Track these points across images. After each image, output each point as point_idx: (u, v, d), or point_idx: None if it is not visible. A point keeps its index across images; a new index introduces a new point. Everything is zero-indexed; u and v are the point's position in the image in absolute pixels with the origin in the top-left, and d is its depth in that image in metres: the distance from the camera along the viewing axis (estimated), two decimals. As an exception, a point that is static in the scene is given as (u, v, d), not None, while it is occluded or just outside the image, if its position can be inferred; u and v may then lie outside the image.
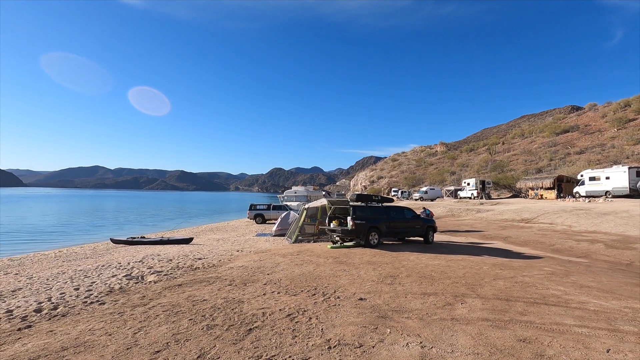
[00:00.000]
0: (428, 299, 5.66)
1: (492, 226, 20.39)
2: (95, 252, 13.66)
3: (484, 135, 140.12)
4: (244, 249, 12.88)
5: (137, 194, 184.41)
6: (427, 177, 78.45)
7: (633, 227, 15.77)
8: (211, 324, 4.52)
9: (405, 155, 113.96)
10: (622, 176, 25.14)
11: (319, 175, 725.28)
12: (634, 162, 35.42)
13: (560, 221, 19.45)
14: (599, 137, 52.36)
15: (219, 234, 19.40)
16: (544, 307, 5.33)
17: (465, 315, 4.89)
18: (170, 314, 5.00)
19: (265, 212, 24.83)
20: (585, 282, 7.48)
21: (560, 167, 44.60)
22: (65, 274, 9.51)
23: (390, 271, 7.97)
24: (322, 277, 7.32)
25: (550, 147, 56.67)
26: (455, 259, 10.05)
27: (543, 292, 6.36)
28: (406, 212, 13.45)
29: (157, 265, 10.08)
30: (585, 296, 6.14)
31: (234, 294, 6.05)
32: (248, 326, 4.44)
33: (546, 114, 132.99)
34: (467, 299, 5.70)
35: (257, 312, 4.97)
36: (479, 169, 62.90)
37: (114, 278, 8.58)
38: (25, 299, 6.99)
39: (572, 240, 14.29)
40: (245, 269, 8.40)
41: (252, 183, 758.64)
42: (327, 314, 4.91)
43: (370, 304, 5.34)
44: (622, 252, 11.88)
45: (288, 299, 5.64)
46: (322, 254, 10.75)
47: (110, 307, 5.91)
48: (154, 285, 7.51)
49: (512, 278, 7.53)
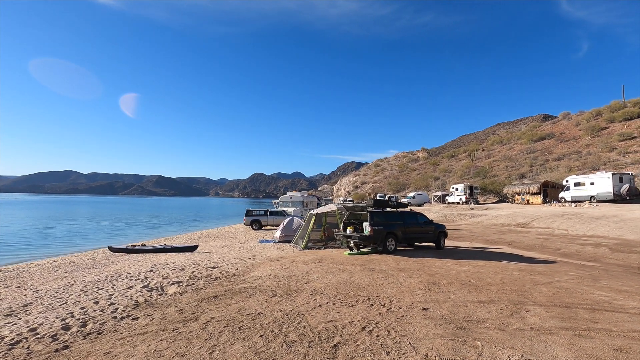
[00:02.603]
0: (490, 308, 5.55)
1: (490, 231, 20.75)
2: (95, 262, 12.86)
3: (462, 142, 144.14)
4: (255, 257, 12.47)
5: (113, 200, 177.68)
6: (411, 183, 79.66)
7: (629, 231, 16.40)
8: (288, 341, 4.21)
9: (388, 160, 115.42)
10: (606, 182, 26.27)
11: (301, 180, 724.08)
12: (610, 168, 37.21)
13: (555, 225, 20.03)
14: (575, 145, 54.80)
15: (220, 241, 18.79)
16: (608, 314, 5.32)
17: (540, 324, 4.80)
18: (234, 330, 4.64)
19: (262, 217, 24.33)
20: (618, 286, 7.59)
21: (542, 173, 46.28)
22: (74, 286, 8.87)
23: (428, 278, 7.84)
24: (364, 286, 7.10)
25: (529, 154, 58.82)
26: (479, 264, 10.05)
27: (591, 297, 6.39)
28: (419, 217, 13.43)
29: (171, 275, 9.57)
30: (633, 301, 6.20)
31: (286, 306, 5.73)
32: (329, 342, 4.16)
33: (520, 122, 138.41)
34: (527, 307, 5.63)
35: (328, 326, 4.70)
36: (462, 175, 64.43)
37: (132, 290, 8.05)
38: (43, 315, 6.42)
39: (576, 244, 14.68)
40: (277, 278, 8.05)
41: (233, 188, 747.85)
42: (401, 326, 4.70)
43: (438, 314, 5.17)
44: (628, 256, 12.27)
45: (349, 311, 5.38)
46: (344, 261, 10.52)
47: (148, 322, 5.48)
48: (182, 297, 7.07)
49: (550, 284, 7.56)
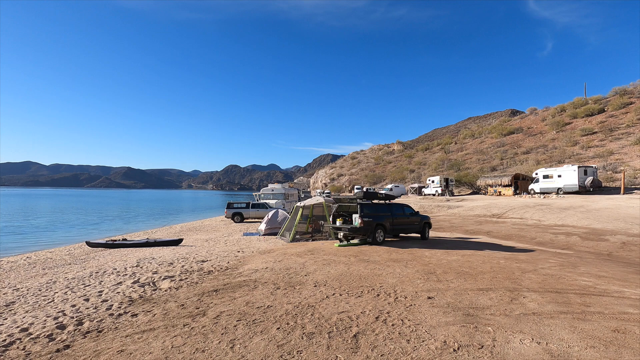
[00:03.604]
0: (490, 295, 5.81)
1: (468, 221, 21.55)
2: (74, 258, 12.26)
3: (435, 135, 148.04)
4: (244, 250, 12.34)
5: (78, 193, 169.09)
6: (387, 175, 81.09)
7: (595, 221, 17.54)
8: (307, 332, 4.23)
9: (364, 153, 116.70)
10: (572, 174, 27.87)
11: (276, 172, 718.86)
12: (574, 161, 39.50)
13: (528, 216, 21.10)
14: (541, 139, 57.67)
15: (203, 234, 18.41)
16: (596, 298, 5.71)
17: (539, 309, 5.08)
18: (248, 324, 4.60)
19: (244, 210, 24.02)
20: (596, 272, 8.14)
21: (512, 165, 48.42)
22: (57, 283, 8.48)
23: (423, 268, 8.07)
24: (364, 277, 7.21)
25: (500, 147, 61.35)
26: (466, 254, 10.44)
27: (576, 283, 6.82)
28: (406, 209, 13.73)
29: (160, 269, 9.34)
30: (613, 285, 6.68)
31: (293, 298, 5.74)
32: (348, 332, 4.22)
33: (490, 116, 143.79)
34: (523, 293, 5.94)
35: (342, 317, 4.76)
36: (436, 167, 66.32)
37: (122, 286, 7.82)
38: (31, 314, 6.12)
39: (549, 234, 15.55)
40: (274, 271, 8.02)
41: (206, 180, 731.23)
42: (412, 314, 4.84)
43: (444, 303, 5.36)
44: (597, 244, 13.14)
45: (357, 301, 5.47)
46: (336, 252, 10.62)
47: (150, 318, 5.33)
48: (179, 292, 6.93)
49: (535, 271, 7.99)
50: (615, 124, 47.86)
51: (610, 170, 32.14)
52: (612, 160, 35.16)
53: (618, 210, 19.52)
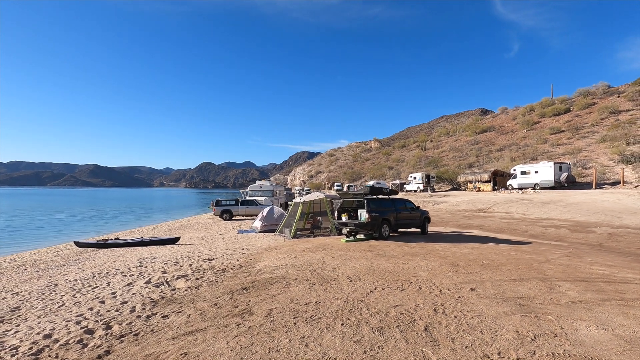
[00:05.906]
0: (526, 285, 5.94)
1: (457, 216, 22.14)
2: (66, 259, 11.47)
3: (410, 132, 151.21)
4: (247, 247, 12.04)
5: (40, 192, 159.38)
6: (365, 172, 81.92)
7: (577, 214, 18.50)
8: (374, 327, 4.13)
9: (342, 150, 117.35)
10: (548, 170, 29.26)
11: (252, 170, 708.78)
12: (545, 158, 41.51)
13: (513, 210, 21.95)
14: (513, 137, 60.19)
15: (195, 232, 17.81)
16: (623, 285, 5.98)
17: (581, 297, 5.25)
18: (307, 320, 4.44)
19: (233, 207, 23.47)
20: (602, 261, 8.54)
21: (487, 162, 50.21)
22: (60, 286, 7.94)
23: (444, 261, 8.17)
24: (392, 271, 7.19)
25: (474, 145, 63.47)
26: (474, 246, 10.69)
27: (595, 271, 7.12)
28: (407, 204, 13.88)
29: (168, 269, 8.94)
30: (628, 274, 7.03)
31: (337, 293, 5.61)
32: (416, 325, 4.16)
33: (461, 115, 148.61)
34: (555, 282, 6.12)
35: (399, 310, 4.70)
36: (415, 164, 67.72)
37: (135, 286, 7.42)
38: (45, 319, 5.69)
39: (538, 227, 16.23)
40: (297, 268, 7.85)
41: (179, 178, 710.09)
42: (467, 306, 4.85)
43: (489, 294, 5.42)
44: (587, 235, 13.85)
45: (404, 294, 5.43)
46: (347, 248, 10.56)
47: (186, 319, 5.04)
48: (203, 292, 6.64)
49: (549, 262, 8.28)
50: (581, 123, 50.69)
51: (581, 167, 34.02)
52: (581, 157, 37.23)
53: (595, 204, 20.68)
